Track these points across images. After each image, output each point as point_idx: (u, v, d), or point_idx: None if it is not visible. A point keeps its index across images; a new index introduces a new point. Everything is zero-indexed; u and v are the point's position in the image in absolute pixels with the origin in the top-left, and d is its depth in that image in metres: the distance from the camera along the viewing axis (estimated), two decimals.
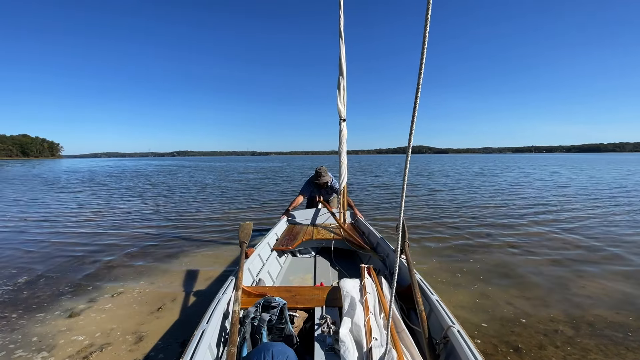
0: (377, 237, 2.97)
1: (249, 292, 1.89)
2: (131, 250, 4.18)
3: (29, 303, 2.71)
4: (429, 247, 4.21)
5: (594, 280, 3.13)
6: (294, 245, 3.06)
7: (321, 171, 4.15)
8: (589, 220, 5.77)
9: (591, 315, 2.47)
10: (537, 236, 4.70)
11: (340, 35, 3.39)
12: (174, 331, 2.28)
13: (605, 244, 4.28)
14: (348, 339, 1.39)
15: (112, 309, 2.60)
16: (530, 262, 3.62)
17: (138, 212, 7.13)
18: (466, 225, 5.41)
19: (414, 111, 0.84)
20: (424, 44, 0.75)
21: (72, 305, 2.66)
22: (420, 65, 0.77)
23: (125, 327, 2.33)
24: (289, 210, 4.01)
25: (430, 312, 1.65)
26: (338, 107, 3.52)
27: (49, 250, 4.20)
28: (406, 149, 0.91)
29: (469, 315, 2.47)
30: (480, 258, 3.75)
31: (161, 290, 2.96)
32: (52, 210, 7.41)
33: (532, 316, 2.46)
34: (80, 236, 4.96)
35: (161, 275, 3.34)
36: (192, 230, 5.29)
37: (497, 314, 2.49)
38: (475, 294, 2.83)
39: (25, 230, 5.45)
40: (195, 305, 2.67)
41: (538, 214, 6.39)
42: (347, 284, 1.82)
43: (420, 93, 0.80)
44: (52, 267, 3.58)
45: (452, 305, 2.62)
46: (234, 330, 1.41)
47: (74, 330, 2.29)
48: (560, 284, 3.04)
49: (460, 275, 3.26)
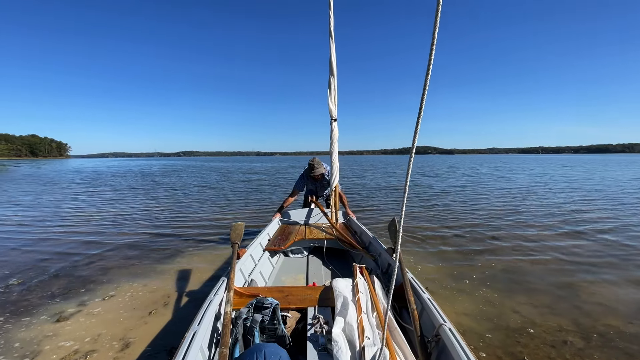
0: (370, 236, 2.95)
1: (241, 292, 1.88)
2: (127, 252, 4.11)
3: (17, 306, 2.65)
4: (432, 250, 4.08)
5: (604, 287, 2.98)
6: (286, 246, 3.04)
7: (314, 163, 4.00)
8: (602, 223, 5.57)
9: (602, 325, 2.33)
10: (545, 240, 4.54)
11: (331, 35, 3.41)
12: (163, 337, 2.19)
13: (617, 248, 4.11)
14: (341, 338, 1.39)
15: (102, 313, 2.52)
16: (538, 267, 3.47)
17: (137, 212, 7.09)
18: (472, 228, 5.26)
19: (420, 112, 0.80)
20: (433, 45, 0.71)
21: (62, 309, 2.59)
22: (427, 66, 0.74)
23: (114, 332, 2.25)
24: (283, 207, 3.95)
25: (422, 311, 1.65)
26: (329, 107, 3.51)
27: (45, 251, 4.15)
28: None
29: (472, 323, 2.35)
30: (486, 262, 3.62)
31: (153, 293, 2.88)
32: (50, 211, 7.40)
33: (540, 325, 2.33)
34: (77, 237, 4.92)
35: (154, 277, 3.26)
36: (189, 232, 5.22)
37: (502, 322, 2.37)
38: (479, 301, 2.70)
39: (21, 230, 5.42)
40: (186, 309, 2.58)
41: (547, 216, 6.21)
42: (339, 283, 1.82)
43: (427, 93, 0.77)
44: (46, 268, 3.52)
45: (455, 312, 2.50)
46: (226, 332, 1.41)
47: (60, 336, 2.21)
48: (569, 291, 2.90)
49: (464, 280, 3.13)
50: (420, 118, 0.79)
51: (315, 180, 4.12)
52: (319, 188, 4.22)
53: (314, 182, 4.17)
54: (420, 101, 0.78)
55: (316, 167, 3.97)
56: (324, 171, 4.04)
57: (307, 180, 4.17)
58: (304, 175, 4.15)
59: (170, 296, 2.81)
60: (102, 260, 3.80)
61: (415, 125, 0.81)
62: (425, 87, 0.76)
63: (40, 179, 17.76)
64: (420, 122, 0.80)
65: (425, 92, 0.76)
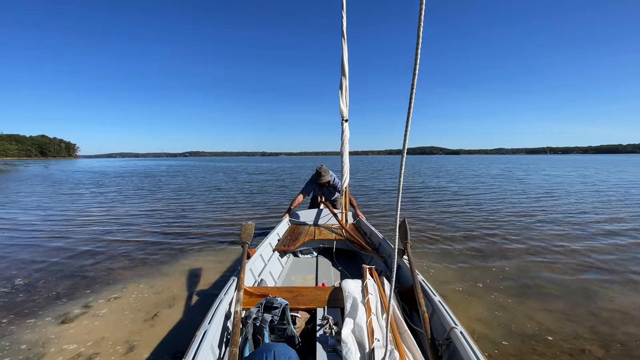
0: (379, 237, 2.95)
1: (250, 292, 1.89)
2: (133, 253, 4.09)
3: (23, 307, 2.63)
4: (443, 252, 3.99)
5: (624, 293, 2.86)
6: (295, 246, 3.04)
7: (321, 171, 4.09)
8: (621, 224, 5.42)
9: (622, 334, 2.23)
10: (560, 241, 4.42)
11: (343, 36, 3.39)
12: (167, 342, 2.15)
13: (638, 252, 3.97)
14: (350, 339, 1.38)
15: (107, 315, 2.49)
16: (553, 271, 3.36)
17: (143, 213, 7.10)
18: (483, 230, 5.15)
19: (409, 112, 0.84)
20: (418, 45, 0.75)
21: (66, 311, 2.56)
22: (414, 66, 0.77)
23: (118, 336, 2.21)
24: (291, 209, 3.99)
25: (433, 313, 1.63)
26: (340, 108, 3.49)
27: (51, 251, 4.15)
28: (400, 151, 0.92)
29: (486, 330, 2.27)
30: (498, 265, 3.52)
31: (159, 295, 2.85)
32: (57, 211, 7.46)
33: (556, 333, 2.24)
34: (83, 236, 4.92)
35: (160, 278, 3.23)
36: (196, 232, 5.19)
37: (517, 329, 2.28)
38: (492, 306, 2.61)
39: (28, 229, 5.45)
40: (192, 313, 2.53)
41: (561, 218, 6.06)
42: (349, 284, 1.82)
43: (415, 95, 0.82)
44: (51, 268, 3.52)
45: (467, 318, 2.42)
46: (236, 331, 1.41)
47: (64, 338, 2.18)
48: (586, 296, 2.79)
49: (476, 284, 3.04)
50: (410, 118, 0.84)
51: (322, 186, 4.20)
52: (326, 194, 4.27)
53: (320, 188, 4.25)
54: (408, 101, 0.82)
55: (323, 174, 4.06)
56: (330, 178, 4.11)
57: (314, 185, 4.25)
58: (312, 180, 4.23)
59: (175, 298, 2.77)
60: (108, 260, 3.78)
61: (405, 127, 0.86)
62: (413, 87, 0.79)
63: (47, 179, 18.00)
64: (409, 123, 0.86)
65: (413, 93, 0.81)
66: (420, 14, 0.72)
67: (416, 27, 0.74)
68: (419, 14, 0.72)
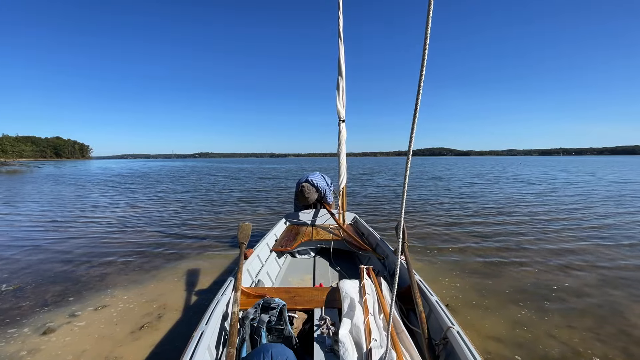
0: (377, 238, 2.95)
1: (248, 293, 1.88)
2: (129, 256, 3.96)
3: (6, 315, 2.50)
4: (453, 260, 3.73)
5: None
6: (293, 246, 3.03)
7: (304, 191, 3.49)
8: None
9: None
10: (583, 251, 4.08)
11: (340, 36, 3.36)
12: (154, 355, 1.98)
13: None
14: (347, 340, 1.39)
15: (92, 325, 2.33)
16: (576, 282, 3.09)
17: (144, 216, 7.01)
18: (497, 236, 4.87)
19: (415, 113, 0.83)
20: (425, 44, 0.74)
21: (50, 320, 2.42)
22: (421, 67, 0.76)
23: (100, 349, 2.05)
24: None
25: (430, 313, 1.63)
26: (337, 108, 3.42)
27: (47, 255, 4.04)
28: (406, 151, 0.92)
29: (502, 350, 2.03)
30: (514, 275, 3.26)
31: (149, 303, 2.69)
32: (60, 213, 7.43)
33: (582, 355, 1.99)
34: (82, 240, 4.83)
35: (153, 285, 3.08)
36: (194, 235, 5.05)
37: (537, 350, 2.04)
38: (508, 321, 2.37)
39: (30, 231, 5.41)
40: (180, 324, 2.36)
41: (584, 225, 5.70)
42: (346, 284, 1.83)
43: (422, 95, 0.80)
44: (44, 273, 3.40)
45: (481, 336, 2.18)
46: (233, 332, 1.41)
47: (41, 352, 2.03)
48: (615, 311, 2.52)
49: (491, 296, 2.79)
50: (416, 119, 0.83)
51: (309, 207, 3.73)
52: (318, 208, 3.79)
53: (307, 206, 3.76)
54: (415, 103, 0.80)
55: (306, 195, 3.50)
56: (317, 195, 3.63)
57: (301, 207, 3.80)
58: (296, 203, 3.88)
59: (165, 308, 2.61)
60: (102, 265, 3.65)
61: (411, 129, 0.85)
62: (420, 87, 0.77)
63: (57, 180, 18.24)
64: (415, 124, 0.84)
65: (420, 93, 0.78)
66: (428, 15, 0.72)
67: (424, 26, 0.73)
68: (427, 14, 0.72)
